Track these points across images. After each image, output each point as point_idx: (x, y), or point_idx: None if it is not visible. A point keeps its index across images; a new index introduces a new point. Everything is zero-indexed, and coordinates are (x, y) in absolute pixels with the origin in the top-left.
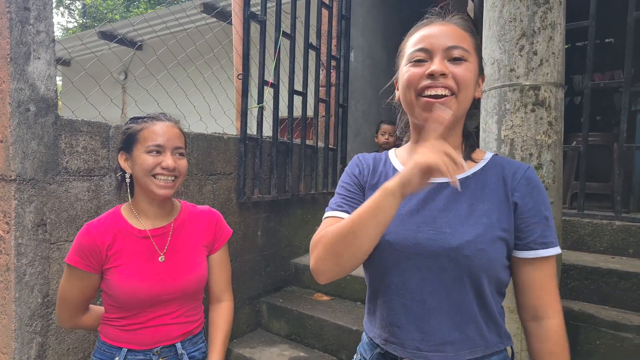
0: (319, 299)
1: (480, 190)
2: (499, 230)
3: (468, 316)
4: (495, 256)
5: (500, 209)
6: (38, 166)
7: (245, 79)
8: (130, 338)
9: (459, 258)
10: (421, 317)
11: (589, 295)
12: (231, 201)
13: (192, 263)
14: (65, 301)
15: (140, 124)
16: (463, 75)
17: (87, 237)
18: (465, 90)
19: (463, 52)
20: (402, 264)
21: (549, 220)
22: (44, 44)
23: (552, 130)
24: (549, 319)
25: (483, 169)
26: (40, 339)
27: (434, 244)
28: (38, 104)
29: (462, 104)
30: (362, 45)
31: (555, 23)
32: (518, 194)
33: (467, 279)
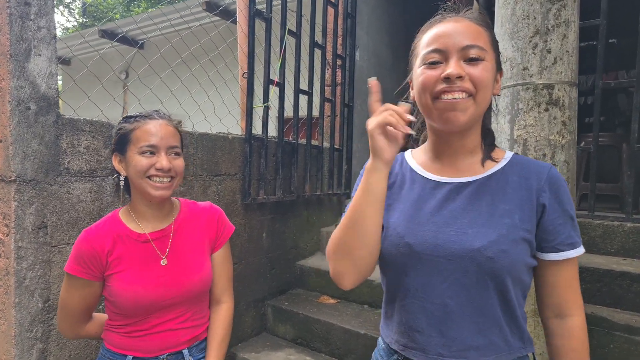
0: (325, 302)
1: (501, 190)
2: (521, 230)
3: (492, 320)
4: (518, 257)
5: (523, 209)
6: (39, 166)
7: (250, 77)
8: (135, 345)
9: (482, 260)
10: (443, 321)
11: (601, 298)
12: (236, 202)
13: (195, 264)
14: (66, 311)
15: (132, 123)
16: (480, 76)
17: (85, 244)
18: (483, 91)
19: (479, 52)
20: (421, 266)
21: (574, 220)
22: (44, 41)
23: (565, 130)
24: (573, 316)
25: (504, 168)
26: (41, 345)
27: (455, 245)
28: (39, 103)
29: (480, 105)
30: (367, 44)
31: (569, 20)
32: (545, 195)
33: (490, 281)
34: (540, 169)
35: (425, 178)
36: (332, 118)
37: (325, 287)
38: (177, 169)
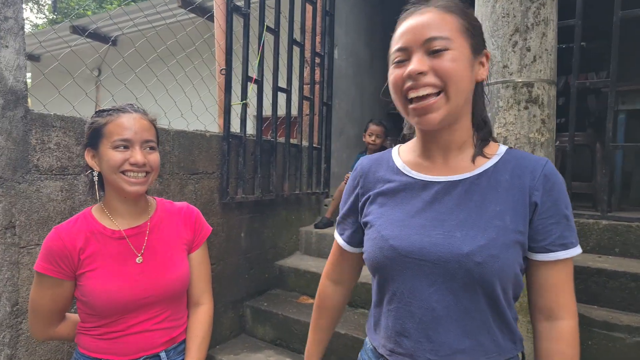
0: (305, 302)
1: (492, 190)
2: (513, 233)
3: (480, 323)
4: (509, 262)
5: (516, 210)
6: (6, 164)
7: (228, 74)
8: (110, 348)
9: (470, 265)
10: (430, 326)
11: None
12: (214, 202)
13: (172, 262)
14: (36, 312)
15: (105, 117)
16: (445, 68)
17: (56, 241)
18: (454, 82)
19: (443, 42)
20: (407, 270)
21: (569, 220)
22: (12, 32)
23: (545, 128)
24: (564, 320)
25: (496, 165)
26: (9, 351)
27: (442, 249)
28: (6, 96)
29: (455, 98)
30: (345, 43)
31: (548, 19)
32: (538, 193)
33: (478, 286)
34: (535, 165)
35: (413, 178)
36: (311, 117)
37: (304, 287)
38: (152, 163)
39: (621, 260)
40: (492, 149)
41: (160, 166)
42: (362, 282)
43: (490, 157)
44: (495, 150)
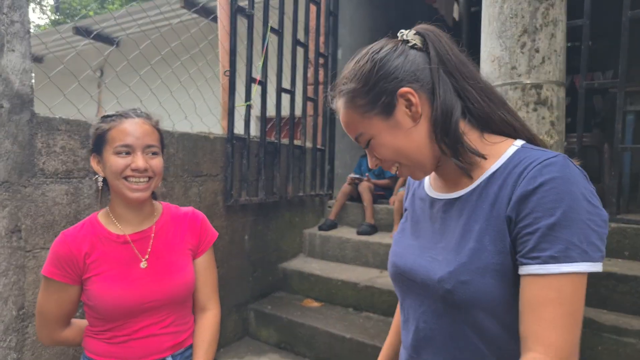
0: (309, 305)
1: (479, 206)
2: (492, 254)
3: (467, 351)
4: (486, 287)
5: (496, 227)
6: (12, 167)
7: (232, 75)
8: (117, 352)
9: (442, 292)
10: (421, 344)
11: (586, 299)
12: (218, 204)
13: (176, 267)
14: (43, 315)
15: (108, 122)
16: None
17: (62, 246)
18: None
19: (363, 137)
20: (405, 287)
21: (554, 229)
22: (18, 35)
23: (554, 130)
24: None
25: (493, 174)
26: (15, 355)
27: (423, 272)
28: (12, 100)
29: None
30: (349, 43)
31: (557, 20)
32: (512, 202)
33: (457, 313)
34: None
35: (427, 194)
36: (315, 118)
37: (308, 290)
38: (154, 168)
39: (631, 263)
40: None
41: (165, 169)
42: (367, 285)
43: (489, 168)
44: (501, 154)
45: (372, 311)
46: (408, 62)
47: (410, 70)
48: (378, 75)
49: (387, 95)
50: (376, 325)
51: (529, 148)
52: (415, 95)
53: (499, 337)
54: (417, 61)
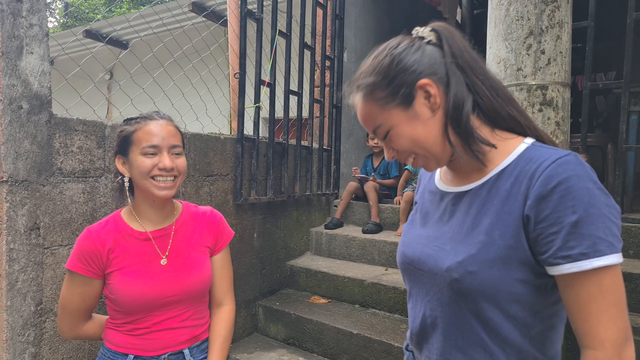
0: (316, 302)
1: (490, 201)
2: (501, 248)
3: (471, 339)
4: (494, 279)
5: (507, 223)
6: (31, 167)
7: (242, 77)
8: (136, 344)
9: (449, 280)
10: (427, 330)
11: None
12: (228, 203)
13: (195, 264)
14: (66, 309)
15: (133, 125)
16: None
17: (87, 241)
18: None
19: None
20: (413, 276)
21: (578, 226)
22: (37, 38)
23: (559, 131)
24: (595, 350)
25: (504, 170)
26: (33, 349)
27: (431, 261)
28: (31, 101)
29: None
30: (355, 46)
31: (563, 22)
32: (530, 202)
33: (461, 302)
34: (538, 166)
35: (437, 188)
36: (321, 119)
37: (315, 287)
38: (179, 168)
39: (636, 262)
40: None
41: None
42: (373, 282)
43: (500, 163)
44: (511, 151)
45: (378, 308)
46: (425, 56)
47: (428, 63)
48: (397, 68)
49: (406, 87)
50: (382, 321)
51: (539, 146)
52: (434, 86)
53: (502, 327)
54: (433, 55)
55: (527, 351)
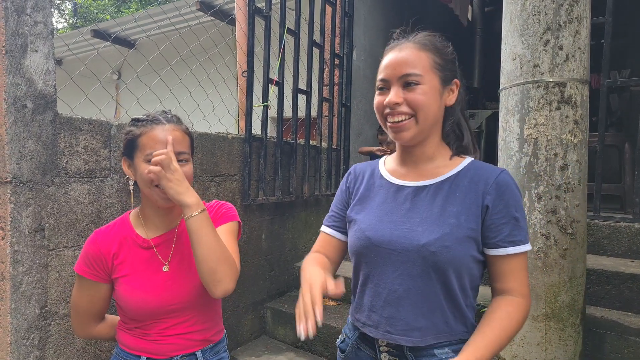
0: (325, 305)
1: (452, 193)
2: (466, 230)
3: (434, 305)
4: (460, 254)
5: (470, 210)
6: (36, 167)
7: (250, 76)
8: (148, 347)
9: (426, 254)
10: (392, 304)
11: (610, 301)
12: (235, 203)
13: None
14: (76, 311)
15: (139, 128)
16: (416, 100)
17: (93, 245)
18: (423, 111)
19: (415, 77)
20: (378, 257)
21: (519, 221)
22: (41, 36)
23: (578, 129)
24: (515, 297)
25: (458, 173)
26: (38, 353)
27: (406, 241)
28: (35, 100)
29: (423, 122)
30: (364, 44)
31: (581, 16)
32: (489, 197)
33: (433, 272)
34: (490, 174)
35: (390, 182)
36: (330, 118)
37: None
38: (185, 175)
39: None
40: (458, 160)
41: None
42: None
43: (454, 167)
44: (460, 161)
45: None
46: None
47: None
48: (452, 57)
49: (450, 73)
50: None
51: (479, 161)
52: (457, 88)
53: (457, 294)
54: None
55: (467, 317)
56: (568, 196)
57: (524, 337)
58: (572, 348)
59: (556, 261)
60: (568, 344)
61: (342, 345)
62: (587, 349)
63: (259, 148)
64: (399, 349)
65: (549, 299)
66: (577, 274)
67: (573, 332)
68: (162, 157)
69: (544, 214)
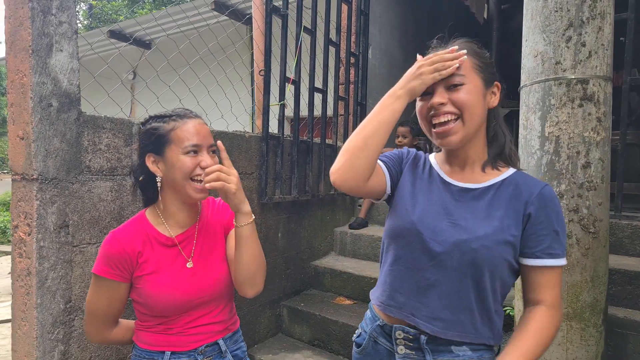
0: (341, 303)
1: (497, 199)
2: (507, 235)
3: (464, 302)
4: (499, 255)
5: (512, 217)
6: (60, 165)
7: (267, 75)
8: (172, 341)
9: (466, 249)
10: (422, 290)
11: (632, 301)
12: (252, 202)
13: (217, 262)
14: (93, 314)
15: (169, 123)
16: (461, 99)
17: (115, 245)
18: (469, 110)
19: (459, 78)
20: (417, 243)
21: (559, 235)
22: (66, 36)
23: (600, 127)
24: (544, 306)
25: (504, 181)
26: (62, 347)
27: (447, 233)
28: (60, 99)
29: (469, 123)
30: (379, 43)
31: (605, 12)
32: (532, 207)
33: (468, 268)
34: (534, 186)
35: (440, 177)
36: (346, 117)
37: (340, 288)
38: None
39: None
40: (503, 169)
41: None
42: None
43: (501, 174)
44: (505, 170)
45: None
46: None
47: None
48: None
49: (491, 75)
50: None
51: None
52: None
53: (488, 296)
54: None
55: (494, 322)
56: (590, 194)
57: None
58: (594, 348)
59: (578, 260)
60: (590, 344)
61: (359, 340)
62: (610, 349)
63: (276, 147)
64: (416, 341)
65: (570, 299)
66: (600, 274)
67: (595, 332)
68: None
69: (566, 213)
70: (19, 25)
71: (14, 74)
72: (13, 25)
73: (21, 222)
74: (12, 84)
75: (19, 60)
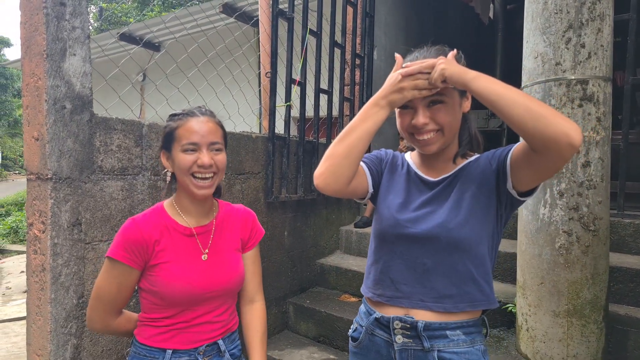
0: (347, 300)
1: (465, 179)
2: (479, 207)
3: (465, 275)
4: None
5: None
6: (74, 165)
7: (273, 76)
8: (175, 338)
9: (448, 231)
10: (423, 275)
11: (634, 299)
12: (259, 201)
13: (232, 261)
14: (100, 299)
15: (176, 121)
16: (442, 120)
17: (135, 231)
18: (449, 125)
19: (439, 97)
20: (405, 236)
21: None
22: (79, 40)
23: (600, 127)
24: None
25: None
26: (75, 341)
27: (428, 221)
28: (74, 101)
29: (448, 134)
30: (384, 44)
31: (604, 14)
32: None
33: (455, 245)
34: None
35: (417, 174)
36: (351, 117)
37: (345, 285)
38: (218, 164)
39: None
40: (469, 155)
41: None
42: None
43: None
44: (471, 155)
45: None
46: None
47: None
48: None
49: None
50: None
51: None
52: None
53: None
54: None
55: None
56: (590, 193)
57: (546, 333)
58: (594, 344)
59: (578, 258)
60: (590, 340)
61: (355, 334)
62: (611, 345)
63: (282, 147)
64: (414, 329)
65: (571, 296)
66: (600, 271)
67: (595, 328)
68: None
69: (566, 211)
70: (34, 31)
71: (29, 77)
72: (28, 31)
73: (36, 220)
74: (27, 87)
75: (34, 64)
